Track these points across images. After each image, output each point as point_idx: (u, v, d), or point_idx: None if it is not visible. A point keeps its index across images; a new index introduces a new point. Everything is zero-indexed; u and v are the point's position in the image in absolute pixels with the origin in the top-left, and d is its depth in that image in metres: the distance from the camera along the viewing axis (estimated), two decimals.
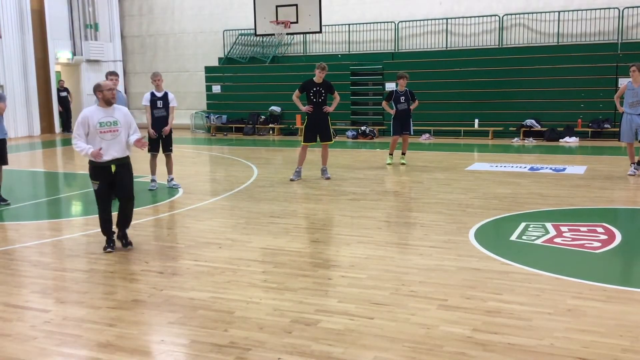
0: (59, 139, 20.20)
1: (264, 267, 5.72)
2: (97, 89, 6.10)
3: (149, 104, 9.82)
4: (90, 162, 6.12)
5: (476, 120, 18.37)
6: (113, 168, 6.15)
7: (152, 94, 9.86)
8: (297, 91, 10.75)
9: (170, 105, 9.88)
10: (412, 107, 12.57)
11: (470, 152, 15.26)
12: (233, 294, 4.95)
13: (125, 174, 6.26)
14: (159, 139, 9.91)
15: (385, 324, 4.27)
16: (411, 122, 12.70)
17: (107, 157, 6.05)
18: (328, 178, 10.68)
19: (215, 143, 18.52)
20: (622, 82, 16.16)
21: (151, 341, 4.19)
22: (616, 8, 17.45)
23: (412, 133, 12.83)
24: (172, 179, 10.06)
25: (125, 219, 6.39)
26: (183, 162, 13.24)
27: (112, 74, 9.30)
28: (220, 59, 22.60)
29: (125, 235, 6.42)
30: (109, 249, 6.28)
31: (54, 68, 21.59)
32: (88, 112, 6.11)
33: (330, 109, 10.63)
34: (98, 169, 6.11)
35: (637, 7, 17.30)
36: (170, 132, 10.00)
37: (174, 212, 8.43)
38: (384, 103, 12.95)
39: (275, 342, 3.99)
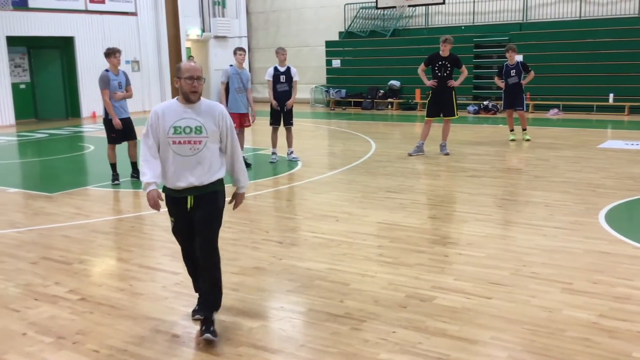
0: None
1: (379, 241, 5.75)
2: (177, 74, 3.81)
3: (271, 78, 10.05)
4: (164, 190, 3.94)
5: (611, 95, 17.11)
6: (190, 201, 3.84)
7: (276, 69, 10.07)
8: (422, 65, 10.58)
9: (294, 79, 10.07)
10: (524, 81, 11.93)
11: (603, 129, 14.29)
12: (349, 266, 5.03)
13: (207, 214, 3.83)
14: (281, 113, 10.13)
15: (504, 304, 4.16)
16: (524, 97, 12.09)
17: (181, 183, 3.78)
18: (447, 154, 10.47)
19: (334, 117, 18.70)
20: None
21: (271, 307, 4.37)
22: None
23: (524, 109, 12.21)
24: (292, 152, 10.31)
25: (206, 294, 3.90)
26: (302, 136, 13.51)
27: (240, 50, 9.61)
28: (340, 33, 22.66)
29: (208, 320, 3.79)
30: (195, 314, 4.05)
31: (184, 44, 22.69)
32: (161, 108, 3.83)
33: (455, 83, 10.38)
34: (172, 200, 3.90)
35: None
36: (292, 106, 10.21)
37: (293, 184, 8.65)
38: (495, 78, 12.47)
39: (390, 315, 4.02)
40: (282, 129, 10.21)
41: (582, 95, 17.43)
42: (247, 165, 9.69)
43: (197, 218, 3.82)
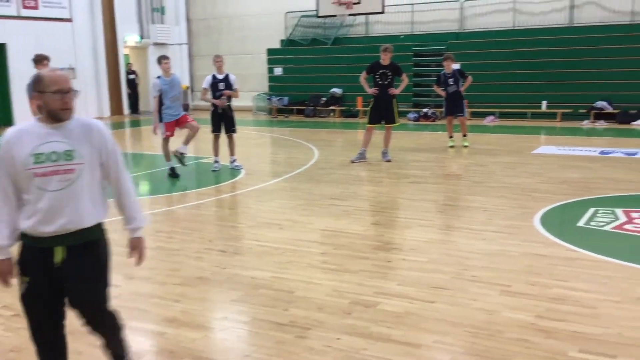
0: (128, 120, 20.84)
1: (323, 248, 5.77)
2: (36, 87, 2.84)
3: (208, 86, 9.90)
4: (23, 238, 2.89)
5: (544, 102, 17.77)
6: (58, 254, 2.85)
7: (214, 77, 9.95)
8: (364, 73, 10.70)
9: (234, 87, 9.99)
10: (462, 88, 12.28)
11: (537, 135, 14.81)
12: (293, 274, 5.02)
13: (87, 273, 2.93)
14: (221, 121, 10.02)
15: (446, 308, 4.24)
16: (464, 104, 12.45)
17: (47, 228, 2.79)
18: (389, 160, 10.61)
19: (276, 125, 18.69)
20: None
21: (215, 317, 4.31)
22: None
23: (465, 115, 12.57)
24: (234, 160, 10.21)
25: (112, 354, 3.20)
26: (245, 144, 13.43)
27: (164, 58, 9.40)
28: (282, 41, 22.70)
29: None
30: None
31: (122, 51, 22.22)
32: (14, 133, 2.82)
33: (396, 91, 10.54)
34: (31, 252, 2.87)
35: None
36: (233, 113, 10.10)
37: (236, 192, 8.59)
38: (435, 86, 12.78)
39: (335, 322, 4.03)
40: (224, 137, 10.12)
41: (516, 102, 18.04)
42: (175, 175, 9.52)
43: (71, 280, 2.86)
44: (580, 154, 11.07)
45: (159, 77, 9.44)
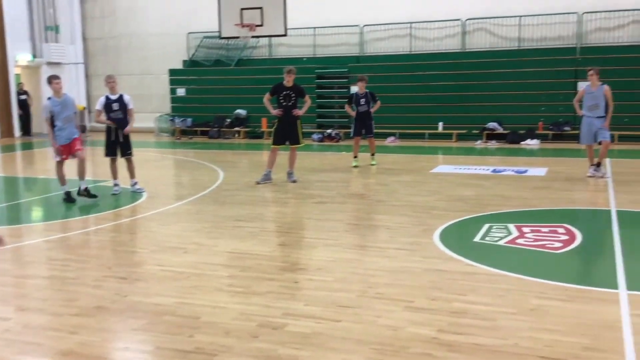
0: (19, 142, 19.73)
1: (230, 271, 5.68)
2: None
3: (102, 107, 9.60)
4: None
5: (440, 123, 18.58)
6: None
7: (107, 98, 9.64)
8: (267, 94, 10.72)
9: (128, 107, 9.69)
10: (372, 109, 12.71)
11: (435, 155, 15.43)
12: (199, 299, 4.90)
13: None
14: (117, 143, 9.70)
15: (352, 326, 4.28)
16: (372, 124, 12.83)
17: None
18: (294, 181, 10.67)
19: (180, 146, 18.34)
20: (581, 85, 16.58)
21: (115, 348, 4.12)
22: (575, 13, 17.88)
23: (373, 135, 12.95)
24: (135, 183, 9.89)
25: None
26: (147, 166, 13.07)
27: (54, 78, 9.10)
28: (184, 62, 22.40)
29: None
30: None
31: (13, 70, 21.09)
32: None
33: (300, 112, 10.64)
34: None
35: (596, 12, 17.75)
36: (128, 135, 9.77)
37: (137, 216, 8.31)
38: (346, 106, 13.11)
39: (242, 346, 3.96)
40: (123, 160, 9.79)
41: (415, 123, 18.75)
42: (93, 196, 9.18)
43: None
44: (474, 173, 11.62)
45: (49, 98, 9.05)
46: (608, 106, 10.52)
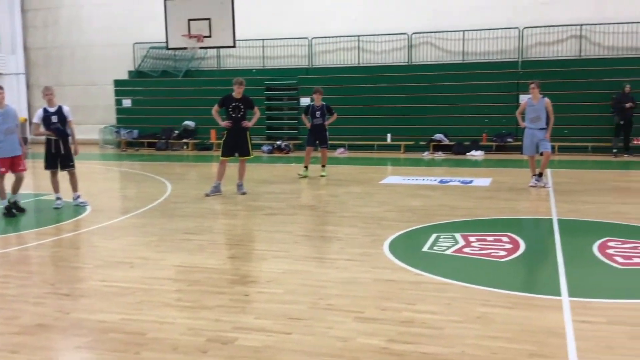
0: None
1: (178, 285, 5.58)
2: None
3: (39, 121, 9.35)
4: None
5: (389, 135, 18.85)
6: None
7: (45, 110, 9.38)
8: (216, 106, 10.64)
9: (68, 119, 9.45)
10: (327, 122, 12.76)
11: (383, 166, 15.61)
12: (145, 314, 4.79)
13: None
14: (57, 156, 9.45)
15: (303, 338, 4.26)
16: (327, 136, 12.89)
17: None
18: (244, 193, 10.60)
19: (126, 159, 17.97)
20: (523, 98, 17.11)
21: None
22: (516, 28, 18.48)
23: (327, 146, 13.01)
24: (78, 197, 9.63)
25: None
26: (91, 179, 12.75)
27: None
28: (130, 72, 22.03)
29: None
30: None
31: None
32: None
33: (249, 124, 10.59)
34: None
35: (536, 27, 18.40)
36: (69, 147, 9.54)
37: (81, 231, 8.08)
38: (302, 116, 13.12)
39: None
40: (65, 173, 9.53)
41: (364, 135, 18.96)
42: (21, 210, 8.92)
43: None
44: (422, 183, 11.81)
45: None
46: (549, 118, 10.90)
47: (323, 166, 12.99)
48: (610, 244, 6.76)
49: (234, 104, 10.45)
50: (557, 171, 13.16)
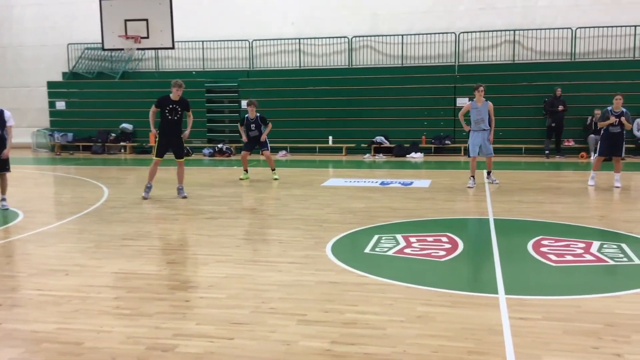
0: None
1: (116, 292, 5.43)
2: None
3: None
4: None
5: (330, 137, 18.96)
6: None
7: None
8: (153, 107, 10.44)
9: (8, 124, 9.19)
10: (264, 135, 12.63)
11: (325, 168, 15.68)
12: (82, 323, 4.64)
13: None
14: None
15: (246, 343, 4.23)
16: (267, 140, 12.82)
17: None
18: (185, 197, 10.43)
19: (60, 162, 17.39)
20: (461, 101, 17.58)
21: None
22: (453, 33, 18.94)
23: (268, 148, 12.94)
24: (3, 199, 9.44)
25: None
26: (24, 184, 12.27)
27: None
28: (64, 74, 21.37)
29: None
30: None
31: None
32: None
33: (187, 134, 10.55)
34: None
35: (471, 32, 18.91)
36: (7, 156, 9.30)
37: (12, 238, 7.76)
38: (239, 127, 12.98)
39: None
40: None
41: (306, 137, 19.00)
42: None
43: None
44: (364, 185, 11.93)
45: None
46: (491, 121, 11.34)
47: (273, 169, 12.89)
48: (544, 242, 7.00)
49: (170, 106, 10.27)
50: (493, 172, 13.55)
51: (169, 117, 10.28)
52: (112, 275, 5.95)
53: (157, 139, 10.55)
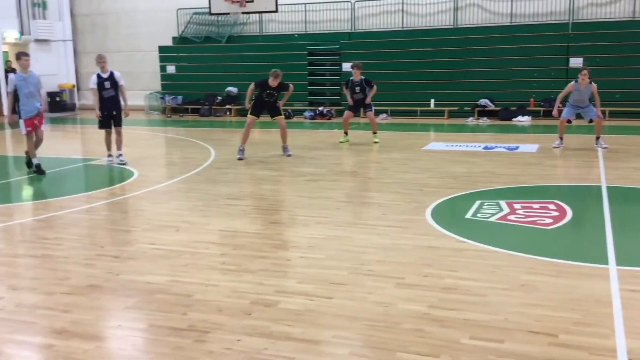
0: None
1: (222, 249, 5.69)
2: None
3: (96, 86, 10.04)
4: None
5: (432, 100, 18.54)
6: None
7: (99, 76, 10.07)
8: (252, 85, 10.86)
9: (119, 84, 10.12)
10: (368, 98, 12.54)
11: (426, 132, 15.41)
12: (191, 277, 4.91)
13: None
14: (110, 117, 10.21)
15: (344, 303, 4.30)
16: (371, 103, 12.73)
17: None
18: (289, 155, 10.75)
19: (170, 124, 18.23)
20: (574, 61, 16.60)
21: (108, 326, 4.13)
22: None
23: (372, 110, 12.83)
24: (120, 155, 10.36)
25: None
26: (138, 144, 12.99)
27: (24, 55, 9.41)
28: (174, 39, 22.17)
29: None
30: None
31: (1, 48, 20.81)
32: None
33: (281, 103, 11.11)
34: None
35: None
36: (120, 108, 10.26)
37: (128, 195, 8.28)
38: (344, 89, 12.99)
39: (235, 324, 3.98)
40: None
41: (407, 100, 18.69)
42: (42, 172, 9.31)
43: None
44: (466, 150, 11.63)
45: (15, 72, 9.42)
46: (597, 101, 11.22)
47: (374, 133, 12.85)
48: None
49: (268, 91, 10.83)
50: (607, 137, 12.75)
51: (266, 99, 10.91)
52: (218, 233, 6.22)
53: (253, 100, 11.00)
